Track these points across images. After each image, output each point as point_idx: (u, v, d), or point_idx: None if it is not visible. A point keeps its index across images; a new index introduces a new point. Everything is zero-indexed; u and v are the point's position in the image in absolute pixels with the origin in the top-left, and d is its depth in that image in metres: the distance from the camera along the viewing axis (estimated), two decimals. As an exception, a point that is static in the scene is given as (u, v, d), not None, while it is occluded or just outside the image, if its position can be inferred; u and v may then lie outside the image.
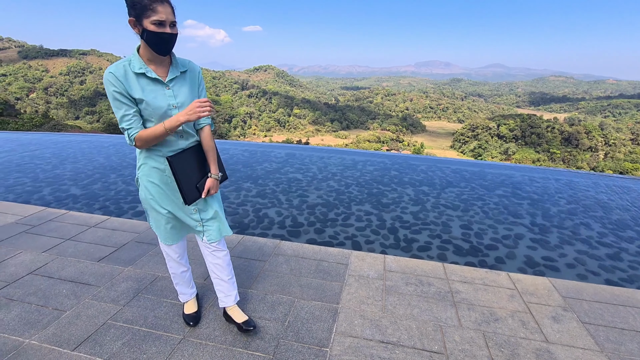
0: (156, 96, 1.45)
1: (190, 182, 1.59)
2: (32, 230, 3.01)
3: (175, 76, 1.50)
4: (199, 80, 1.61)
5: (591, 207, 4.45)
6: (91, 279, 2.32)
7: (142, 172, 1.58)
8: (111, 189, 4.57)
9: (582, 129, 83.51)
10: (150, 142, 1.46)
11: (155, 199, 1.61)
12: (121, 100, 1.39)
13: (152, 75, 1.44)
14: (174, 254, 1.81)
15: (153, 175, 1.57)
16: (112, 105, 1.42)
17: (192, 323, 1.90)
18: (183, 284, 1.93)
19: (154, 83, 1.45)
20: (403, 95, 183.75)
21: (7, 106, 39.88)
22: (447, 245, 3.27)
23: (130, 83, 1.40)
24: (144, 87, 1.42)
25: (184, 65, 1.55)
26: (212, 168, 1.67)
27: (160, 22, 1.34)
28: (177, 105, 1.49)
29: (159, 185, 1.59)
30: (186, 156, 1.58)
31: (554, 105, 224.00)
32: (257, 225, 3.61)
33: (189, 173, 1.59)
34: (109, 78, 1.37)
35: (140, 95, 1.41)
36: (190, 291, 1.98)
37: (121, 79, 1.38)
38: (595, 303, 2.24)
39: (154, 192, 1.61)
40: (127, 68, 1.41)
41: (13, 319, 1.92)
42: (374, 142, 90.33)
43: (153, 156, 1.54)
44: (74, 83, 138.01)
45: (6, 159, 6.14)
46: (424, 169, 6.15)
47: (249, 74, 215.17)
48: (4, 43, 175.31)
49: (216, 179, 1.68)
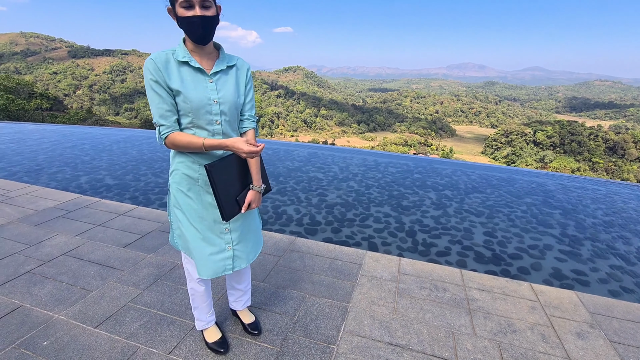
0: (196, 88, 1.31)
1: (230, 194, 1.40)
2: (68, 215, 3.24)
3: (220, 69, 1.37)
4: (247, 79, 1.46)
5: (632, 220, 4.12)
6: (116, 263, 2.46)
7: (173, 179, 1.42)
8: (141, 180, 4.82)
9: (629, 138, 77.41)
10: (181, 149, 1.34)
11: (184, 212, 1.43)
12: (157, 91, 1.27)
13: (195, 64, 1.31)
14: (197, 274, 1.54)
15: (184, 184, 1.41)
16: (148, 96, 1.30)
17: (224, 350, 1.67)
18: (202, 309, 1.67)
19: (196, 74, 1.32)
20: (433, 98, 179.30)
21: (56, 102, 43.14)
22: (468, 252, 3.15)
23: (170, 72, 1.28)
24: (184, 77, 1.30)
25: (231, 60, 1.42)
26: (255, 179, 1.49)
27: (187, 2, 1.21)
28: (218, 100, 1.35)
29: (189, 196, 1.42)
30: (226, 164, 1.38)
31: (598, 111, 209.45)
32: (275, 221, 3.67)
33: (229, 184, 1.39)
34: (148, 65, 1.26)
35: (178, 87, 1.28)
36: (209, 319, 1.71)
37: (161, 67, 1.26)
38: (627, 322, 2.08)
39: (183, 204, 1.42)
40: (169, 56, 1.30)
41: (46, 295, 2.08)
42: (401, 145, 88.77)
43: (187, 162, 1.39)
44: (115, 81, 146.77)
45: (51, 149, 6.65)
46: (448, 172, 5.97)
47: (279, 74, 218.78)
48: (56, 43, 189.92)
49: (259, 191, 1.50)
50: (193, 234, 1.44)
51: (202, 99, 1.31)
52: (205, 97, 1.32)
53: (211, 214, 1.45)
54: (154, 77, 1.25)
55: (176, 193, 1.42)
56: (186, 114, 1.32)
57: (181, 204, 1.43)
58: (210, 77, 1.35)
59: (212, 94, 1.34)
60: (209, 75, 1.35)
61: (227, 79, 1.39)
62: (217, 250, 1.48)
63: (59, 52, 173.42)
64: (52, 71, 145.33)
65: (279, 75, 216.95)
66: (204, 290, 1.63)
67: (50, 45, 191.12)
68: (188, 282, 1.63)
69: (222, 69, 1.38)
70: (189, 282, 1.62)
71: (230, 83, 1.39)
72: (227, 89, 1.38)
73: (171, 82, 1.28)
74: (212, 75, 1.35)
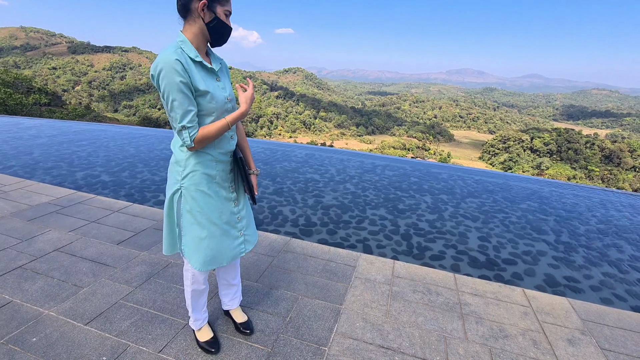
0: (215, 88, 1.32)
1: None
2: (62, 211, 3.22)
3: (219, 67, 1.40)
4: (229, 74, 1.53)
5: (625, 229, 4.15)
6: (109, 260, 2.44)
7: (191, 182, 1.37)
8: (137, 178, 4.80)
9: (625, 147, 78.02)
10: (210, 140, 1.32)
11: (205, 211, 1.41)
12: (186, 93, 1.21)
13: (208, 65, 1.31)
14: (201, 276, 1.56)
15: (203, 183, 1.39)
16: (173, 99, 1.20)
17: (215, 349, 1.66)
18: (199, 308, 1.67)
19: (208, 73, 1.32)
20: (432, 102, 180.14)
21: (55, 97, 42.94)
22: (462, 256, 3.16)
23: (192, 73, 1.23)
24: (204, 77, 1.28)
25: (218, 57, 1.45)
26: (252, 164, 1.61)
27: (229, 13, 1.30)
28: (229, 98, 1.39)
29: (209, 194, 1.41)
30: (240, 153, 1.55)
31: (595, 119, 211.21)
32: (271, 221, 3.66)
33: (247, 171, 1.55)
34: (175, 67, 1.16)
35: (205, 87, 1.25)
36: (203, 316, 1.72)
37: (188, 68, 1.21)
38: (618, 329, 2.09)
39: (203, 204, 1.41)
40: (185, 55, 1.23)
41: (36, 291, 2.06)
42: (399, 149, 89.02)
43: (205, 161, 1.37)
44: (115, 78, 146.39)
45: (48, 144, 6.60)
46: (445, 177, 5.99)
47: (279, 75, 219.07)
48: (56, 39, 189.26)
49: (257, 174, 1.62)
50: (213, 231, 1.46)
51: (222, 98, 1.35)
52: (223, 96, 1.35)
53: (228, 206, 1.51)
54: (184, 78, 1.19)
55: (195, 194, 1.39)
56: (209, 114, 1.30)
57: (202, 205, 1.41)
58: (217, 75, 1.38)
59: (223, 92, 1.37)
60: (216, 73, 1.37)
61: (224, 75, 1.44)
62: (234, 239, 1.55)
63: (59, 48, 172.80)
64: (52, 66, 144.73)
65: (279, 76, 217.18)
66: (204, 291, 1.64)
67: (50, 41, 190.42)
68: (191, 284, 1.57)
69: (220, 67, 1.42)
70: (191, 284, 1.57)
71: (227, 79, 1.45)
72: (228, 85, 1.43)
73: (197, 83, 1.24)
74: (218, 72, 1.39)
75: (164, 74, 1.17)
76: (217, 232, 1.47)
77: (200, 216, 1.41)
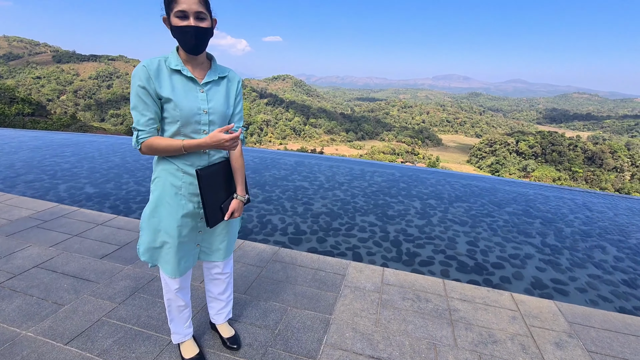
0: (187, 97, 1.31)
1: (215, 201, 1.43)
2: (43, 225, 3.12)
3: (211, 80, 1.38)
4: (237, 91, 1.48)
5: (608, 230, 4.25)
6: (92, 275, 2.37)
7: (155, 186, 1.40)
8: (123, 189, 4.71)
9: (606, 148, 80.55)
10: (158, 152, 1.33)
11: (162, 221, 1.41)
12: (143, 98, 1.26)
13: (188, 74, 1.32)
14: (174, 284, 1.52)
15: (167, 192, 1.39)
16: (131, 101, 1.28)
17: None
18: (179, 321, 1.62)
19: (187, 82, 1.33)
20: (420, 107, 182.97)
21: (39, 107, 41.98)
22: (451, 262, 3.18)
23: (161, 80, 1.28)
24: (175, 85, 1.30)
25: (223, 71, 1.44)
26: (239, 188, 1.52)
27: (182, 13, 1.22)
28: (208, 110, 1.35)
29: (172, 205, 1.39)
30: (215, 171, 1.42)
31: (577, 122, 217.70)
32: (260, 231, 3.62)
33: (215, 191, 1.42)
34: (139, 72, 1.24)
35: (168, 94, 1.28)
36: (186, 331, 1.66)
37: (152, 74, 1.25)
38: (604, 331, 2.12)
39: (163, 213, 1.40)
40: (162, 63, 1.29)
41: (14, 310, 1.98)
42: (389, 154, 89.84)
43: (171, 169, 1.38)
44: (101, 87, 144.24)
45: (30, 156, 6.43)
46: (433, 182, 6.06)
47: (268, 82, 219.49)
48: (40, 48, 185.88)
49: (242, 200, 1.53)
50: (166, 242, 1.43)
51: (192, 108, 1.32)
52: (196, 107, 1.33)
53: (190, 222, 1.45)
54: (142, 83, 1.25)
55: (158, 201, 1.40)
56: (174, 121, 1.32)
57: (162, 214, 1.40)
58: (202, 87, 1.35)
59: (203, 104, 1.34)
60: (200, 84, 1.36)
61: (218, 89, 1.40)
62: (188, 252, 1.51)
63: (43, 57, 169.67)
64: (36, 76, 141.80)
65: (268, 83, 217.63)
66: (182, 301, 1.58)
67: (34, 50, 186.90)
68: (165, 294, 1.56)
69: (213, 80, 1.39)
70: (165, 293, 1.56)
71: (220, 94, 1.40)
72: (217, 99, 1.39)
73: (162, 90, 1.28)
74: (203, 85, 1.36)
75: (132, 78, 1.27)
76: (168, 245, 1.44)
77: (158, 224, 1.42)
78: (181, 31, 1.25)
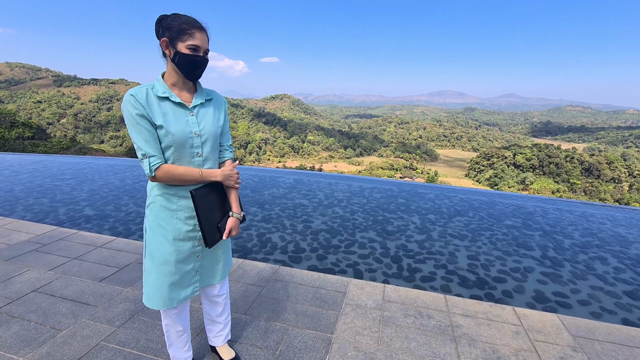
0: (178, 122, 1.35)
1: (212, 221, 1.44)
2: (42, 249, 3.11)
3: (199, 102, 1.43)
4: (224, 112, 1.53)
5: (608, 241, 4.25)
6: (91, 298, 2.35)
7: (150, 211, 1.42)
8: (122, 210, 4.71)
9: (603, 160, 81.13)
10: (174, 179, 1.35)
11: (158, 246, 1.41)
12: (142, 125, 1.28)
13: (176, 99, 1.36)
14: (173, 310, 1.53)
15: (161, 217, 1.40)
16: (131, 131, 1.29)
17: None
18: (178, 345, 1.61)
19: (177, 108, 1.36)
20: (416, 123, 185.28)
21: (39, 130, 42.36)
22: (452, 277, 3.16)
23: (152, 108, 1.31)
24: (165, 112, 1.33)
25: (209, 94, 1.49)
26: (234, 206, 1.53)
27: (195, 47, 1.31)
28: (199, 133, 1.39)
29: (166, 228, 1.41)
30: (208, 192, 1.43)
31: (572, 134, 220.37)
32: (260, 249, 3.61)
33: (211, 211, 1.43)
34: (129, 100, 1.27)
35: (160, 122, 1.31)
36: (185, 355, 1.65)
37: (142, 102, 1.28)
38: (608, 344, 2.10)
39: (159, 238, 1.41)
40: (149, 92, 1.33)
41: (11, 337, 1.95)
42: (388, 170, 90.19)
43: (167, 195, 1.39)
44: (101, 110, 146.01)
45: (29, 180, 6.46)
46: (431, 197, 6.08)
47: (266, 102, 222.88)
48: (41, 73, 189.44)
49: (238, 218, 1.53)
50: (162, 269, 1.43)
51: (185, 132, 1.35)
52: (187, 131, 1.36)
53: (187, 245, 1.45)
54: (139, 111, 1.27)
55: (153, 225, 1.41)
56: (167, 147, 1.35)
57: (158, 238, 1.41)
58: (191, 110, 1.40)
59: (194, 127, 1.38)
60: (189, 108, 1.40)
61: (206, 111, 1.45)
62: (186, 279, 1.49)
63: (45, 81, 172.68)
64: (37, 100, 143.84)
65: (266, 102, 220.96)
66: (180, 326, 1.57)
67: (36, 75, 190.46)
68: (163, 319, 1.55)
69: (201, 102, 1.44)
70: (163, 318, 1.55)
71: (209, 115, 1.45)
72: (207, 121, 1.43)
73: (154, 118, 1.30)
74: (192, 108, 1.40)
75: (123, 108, 1.30)
76: (164, 270, 1.42)
77: (154, 249, 1.42)
78: (191, 60, 1.32)
